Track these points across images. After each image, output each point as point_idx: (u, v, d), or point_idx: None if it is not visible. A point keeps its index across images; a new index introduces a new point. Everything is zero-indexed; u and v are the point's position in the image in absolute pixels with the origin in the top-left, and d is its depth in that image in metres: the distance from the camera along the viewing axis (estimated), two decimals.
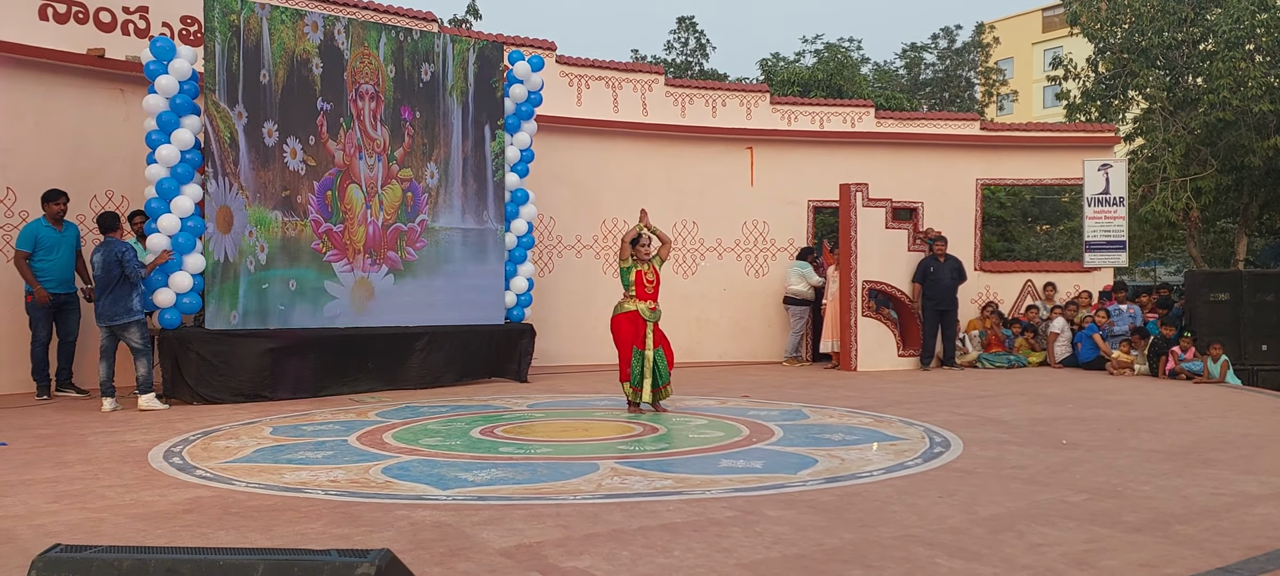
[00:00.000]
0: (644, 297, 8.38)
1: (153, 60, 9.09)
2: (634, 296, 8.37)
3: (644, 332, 8.36)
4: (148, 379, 8.73)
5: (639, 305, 8.36)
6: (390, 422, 7.84)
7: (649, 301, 8.40)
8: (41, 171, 10.02)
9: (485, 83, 11.23)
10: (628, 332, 8.35)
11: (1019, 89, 44.38)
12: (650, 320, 8.40)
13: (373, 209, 10.42)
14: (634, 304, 8.37)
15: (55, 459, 6.19)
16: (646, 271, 8.44)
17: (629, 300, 8.40)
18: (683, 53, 34.84)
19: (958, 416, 8.18)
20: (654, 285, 8.46)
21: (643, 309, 8.36)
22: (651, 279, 8.46)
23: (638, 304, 8.36)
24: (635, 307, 8.36)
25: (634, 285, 8.38)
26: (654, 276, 8.48)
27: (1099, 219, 14.79)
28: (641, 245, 8.43)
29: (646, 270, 8.44)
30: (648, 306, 8.39)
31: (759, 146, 14.63)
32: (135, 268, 8.54)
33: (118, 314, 8.53)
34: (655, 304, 8.45)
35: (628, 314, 8.37)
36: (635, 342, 8.33)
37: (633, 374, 8.32)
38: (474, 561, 3.87)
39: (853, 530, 4.38)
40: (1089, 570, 3.76)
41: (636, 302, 8.37)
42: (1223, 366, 11.38)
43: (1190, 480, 5.53)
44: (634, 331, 8.34)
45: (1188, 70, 21.79)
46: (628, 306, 8.39)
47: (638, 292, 8.37)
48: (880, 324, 12.97)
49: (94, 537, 4.29)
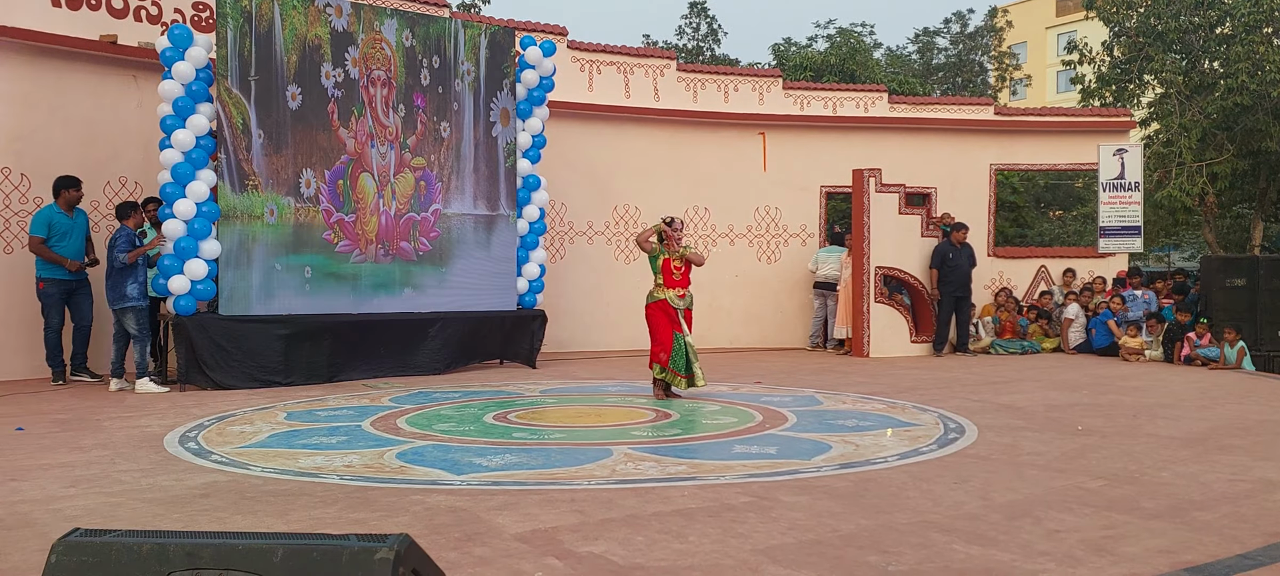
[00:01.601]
0: (672, 285, 8.43)
1: (169, 47, 9.10)
2: (662, 284, 8.44)
3: (676, 319, 8.40)
4: (142, 364, 8.94)
5: (667, 293, 8.41)
6: (404, 408, 7.86)
7: (677, 289, 8.45)
8: (55, 158, 10.05)
9: (497, 68, 11.20)
10: (661, 321, 8.40)
11: (1033, 73, 44.11)
12: (679, 307, 8.43)
13: (386, 198, 10.39)
14: (662, 292, 8.44)
15: (71, 443, 6.22)
16: (674, 260, 8.47)
17: (658, 289, 8.48)
18: (695, 38, 34.72)
19: (972, 402, 8.15)
20: (682, 272, 8.51)
21: (670, 296, 8.40)
22: (680, 266, 8.50)
23: (666, 292, 8.42)
24: (664, 296, 8.42)
25: (661, 272, 8.43)
26: (682, 264, 8.52)
27: (1114, 204, 14.69)
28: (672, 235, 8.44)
29: (675, 259, 8.47)
30: (676, 294, 8.43)
31: (771, 132, 14.56)
32: (117, 254, 8.76)
33: (115, 299, 8.88)
34: (685, 291, 8.51)
35: (658, 302, 8.45)
36: (674, 327, 8.37)
37: (674, 360, 8.33)
38: (489, 546, 3.87)
39: (868, 516, 4.36)
40: (1107, 556, 3.74)
41: (665, 291, 8.43)
42: (1239, 352, 11.31)
43: (1208, 466, 5.49)
44: (667, 319, 8.39)
45: (1205, 54, 21.59)
46: (657, 295, 8.47)
47: (666, 281, 8.42)
48: (893, 310, 12.93)
49: (111, 522, 4.31)
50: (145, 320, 9.03)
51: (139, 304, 8.91)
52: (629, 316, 13.71)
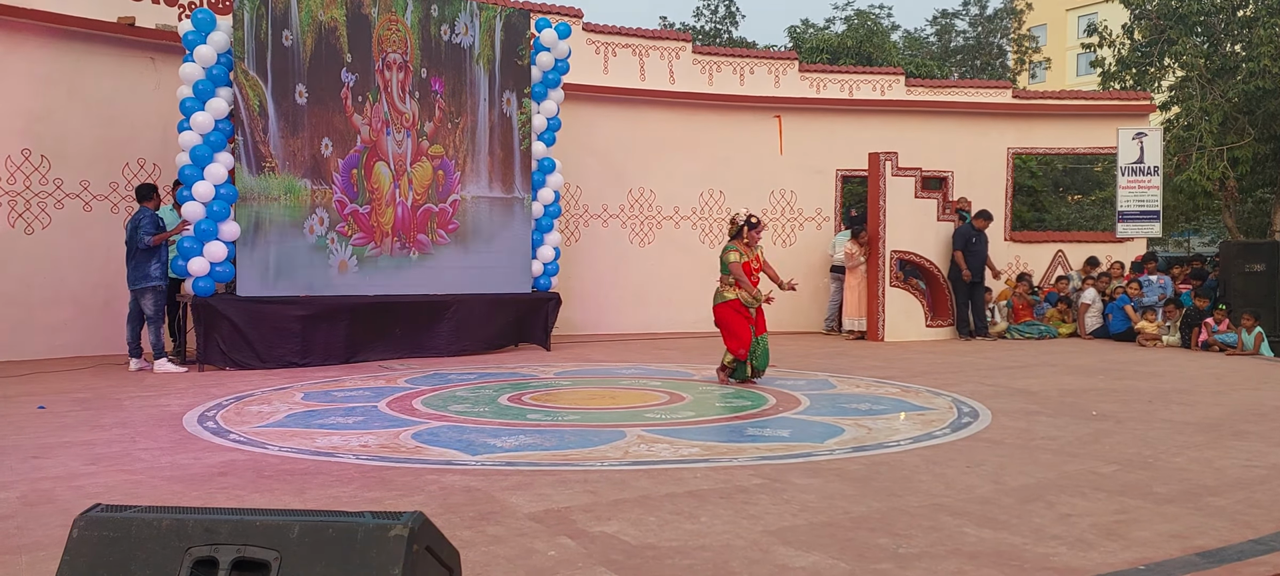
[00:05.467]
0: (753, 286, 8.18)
1: (191, 31, 9.13)
2: (734, 283, 8.16)
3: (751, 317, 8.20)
4: (158, 344, 9.04)
5: (740, 293, 8.16)
6: (419, 389, 7.91)
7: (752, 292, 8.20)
8: (74, 140, 10.14)
9: (512, 50, 11.19)
10: (738, 320, 8.14)
11: (1052, 56, 43.62)
12: (752, 307, 8.21)
13: (402, 188, 10.33)
14: (733, 292, 8.16)
15: (92, 422, 6.30)
16: (752, 260, 8.28)
17: (728, 288, 8.18)
18: (712, 20, 34.51)
19: (986, 387, 8.13)
20: (757, 272, 8.32)
21: (743, 297, 8.17)
22: (756, 267, 8.31)
23: (737, 292, 8.16)
24: (735, 295, 8.16)
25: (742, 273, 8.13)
26: (757, 264, 8.33)
27: (1133, 188, 14.58)
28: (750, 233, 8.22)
29: (752, 259, 8.28)
30: (749, 296, 8.19)
31: (787, 115, 14.51)
32: (142, 236, 8.82)
33: (137, 279, 8.96)
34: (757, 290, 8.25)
35: (728, 302, 8.17)
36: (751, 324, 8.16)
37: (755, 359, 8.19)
38: (504, 525, 3.90)
39: (880, 498, 4.38)
40: (1119, 540, 3.74)
41: (735, 290, 8.16)
42: (1257, 338, 11.22)
43: (1222, 452, 5.47)
44: (744, 318, 8.16)
45: (1227, 37, 21.33)
46: (727, 295, 8.18)
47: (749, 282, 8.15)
48: (908, 294, 12.89)
49: (132, 499, 4.37)
50: (163, 301, 9.12)
51: (160, 284, 9.01)
52: (643, 299, 13.77)
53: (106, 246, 10.13)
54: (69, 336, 10.07)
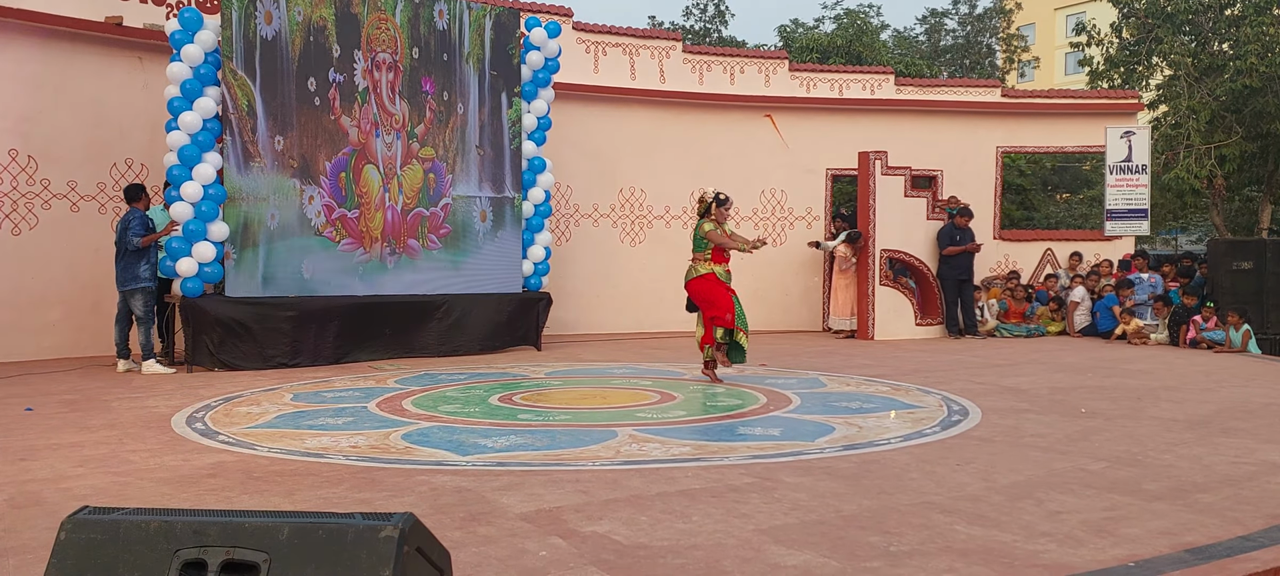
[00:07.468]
0: (719, 261, 8.34)
1: (179, 30, 9.09)
2: (710, 259, 8.29)
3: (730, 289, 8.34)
4: (147, 345, 8.96)
5: (715, 268, 8.30)
6: (409, 389, 7.89)
7: (724, 265, 8.37)
8: (61, 140, 10.08)
9: (502, 49, 11.17)
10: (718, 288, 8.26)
11: (1041, 55, 43.82)
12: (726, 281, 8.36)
13: (392, 192, 10.26)
14: (707, 266, 8.28)
15: (79, 424, 6.26)
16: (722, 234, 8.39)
17: (703, 263, 8.30)
18: (701, 19, 34.52)
19: (976, 385, 8.15)
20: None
21: (719, 271, 8.32)
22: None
23: (713, 266, 8.29)
24: (710, 269, 8.28)
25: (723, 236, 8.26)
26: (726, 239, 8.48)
27: (1121, 187, 14.63)
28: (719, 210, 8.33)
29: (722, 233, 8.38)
30: (724, 269, 8.35)
31: (777, 114, 14.51)
32: (131, 237, 8.76)
33: (125, 280, 8.88)
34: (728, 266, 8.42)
35: (704, 276, 8.28)
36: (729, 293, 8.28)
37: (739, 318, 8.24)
38: (494, 526, 3.90)
39: (870, 497, 4.38)
40: (1108, 537, 3.75)
41: (711, 265, 8.29)
42: (1244, 335, 11.29)
43: (1211, 449, 5.50)
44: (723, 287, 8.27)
45: (1214, 36, 21.43)
46: (702, 269, 8.29)
47: (715, 257, 8.29)
48: (898, 292, 12.92)
49: (120, 500, 4.34)
50: (152, 302, 9.08)
51: (149, 286, 8.96)
52: (634, 298, 13.75)
53: (94, 247, 10.08)
54: (57, 338, 10.01)
